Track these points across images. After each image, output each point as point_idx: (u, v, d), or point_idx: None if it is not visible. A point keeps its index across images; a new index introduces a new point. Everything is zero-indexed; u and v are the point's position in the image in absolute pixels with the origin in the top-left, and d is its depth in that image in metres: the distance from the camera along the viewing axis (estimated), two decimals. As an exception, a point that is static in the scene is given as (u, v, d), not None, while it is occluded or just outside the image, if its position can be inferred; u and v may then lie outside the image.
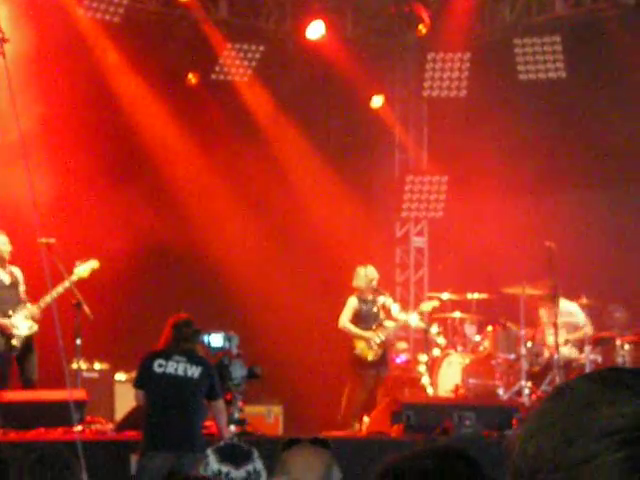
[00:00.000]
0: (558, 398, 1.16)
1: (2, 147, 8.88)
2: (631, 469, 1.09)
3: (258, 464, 3.65)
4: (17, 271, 10.84)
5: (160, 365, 8.58)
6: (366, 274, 11.95)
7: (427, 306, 12.79)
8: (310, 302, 13.46)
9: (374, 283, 12.00)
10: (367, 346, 11.83)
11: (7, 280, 10.77)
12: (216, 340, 9.26)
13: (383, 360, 11.97)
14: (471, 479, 1.94)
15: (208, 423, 9.22)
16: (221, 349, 9.14)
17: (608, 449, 1.10)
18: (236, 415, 9.28)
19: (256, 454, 3.70)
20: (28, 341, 10.67)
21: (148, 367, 8.64)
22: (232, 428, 9.10)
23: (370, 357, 11.82)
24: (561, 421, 1.13)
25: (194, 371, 8.57)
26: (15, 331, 10.58)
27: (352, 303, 11.89)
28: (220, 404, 8.73)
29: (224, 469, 3.56)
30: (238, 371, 9.08)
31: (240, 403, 9.39)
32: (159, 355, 8.66)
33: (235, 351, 9.35)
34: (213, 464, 3.68)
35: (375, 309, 11.99)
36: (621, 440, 1.10)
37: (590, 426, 1.12)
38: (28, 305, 10.76)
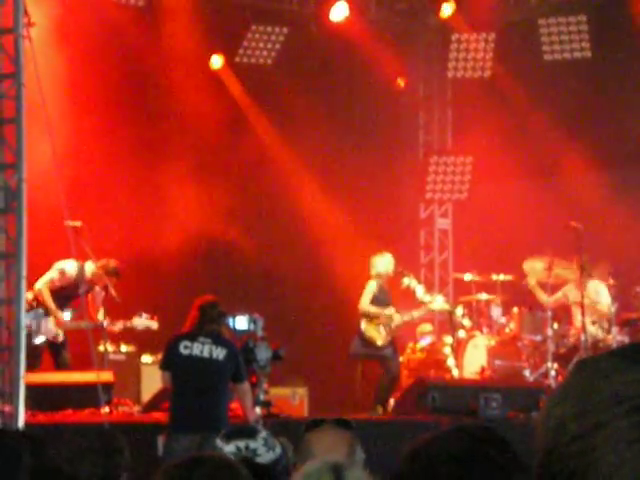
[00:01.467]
0: (579, 371, 1.19)
1: (30, 130, 8.90)
2: (638, 437, 1.11)
3: (256, 443, 3.61)
4: (98, 294, 10.85)
5: (186, 347, 8.61)
6: (383, 261, 11.93)
7: (437, 306, 12.56)
8: (335, 284, 13.47)
9: (391, 269, 11.96)
10: (377, 330, 11.81)
11: (82, 290, 10.72)
12: (241, 323, 9.28)
13: (392, 350, 11.89)
14: (503, 463, 1.92)
15: (234, 405, 9.26)
16: (246, 332, 9.16)
17: (618, 416, 1.13)
18: (261, 397, 9.32)
19: (262, 435, 3.66)
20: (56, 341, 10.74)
21: (174, 349, 8.68)
22: (257, 410, 9.12)
23: (380, 342, 11.79)
24: (579, 392, 1.16)
25: (219, 353, 8.59)
26: (35, 338, 10.60)
27: (371, 287, 11.88)
28: (245, 386, 8.75)
29: (219, 444, 3.58)
30: (263, 353, 9.10)
31: (265, 385, 9.41)
32: (185, 337, 8.70)
33: (260, 333, 9.37)
34: (216, 442, 3.70)
35: (388, 298, 11.97)
36: (630, 407, 1.12)
37: (603, 395, 1.14)
38: (100, 314, 10.77)
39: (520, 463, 1.93)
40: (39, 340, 10.68)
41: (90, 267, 10.76)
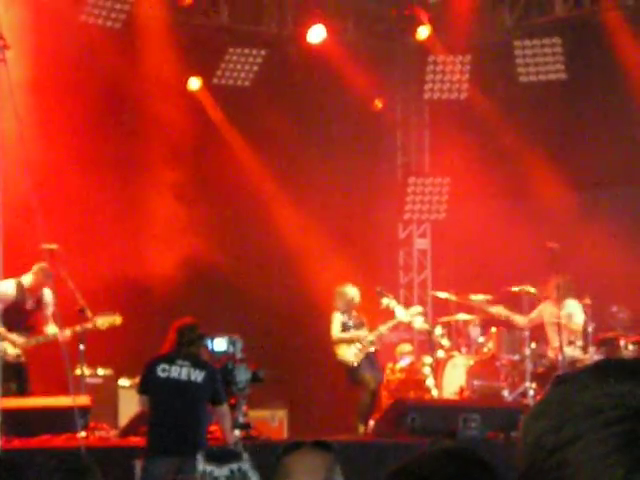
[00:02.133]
0: (556, 386, 1.21)
1: (5, 153, 8.88)
2: (612, 449, 1.12)
3: (245, 465, 3.64)
4: (48, 294, 10.72)
5: (164, 370, 8.58)
6: (346, 294, 11.99)
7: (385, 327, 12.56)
8: (315, 305, 13.46)
9: (355, 301, 12.01)
10: (348, 350, 11.85)
11: (30, 305, 10.73)
12: (220, 344, 9.27)
13: (372, 362, 11.93)
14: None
15: (213, 428, 9.22)
16: (225, 353, 9.14)
17: (592, 429, 1.14)
18: (241, 419, 9.30)
19: (246, 457, 3.69)
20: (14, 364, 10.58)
21: (152, 372, 8.64)
22: (237, 432, 9.10)
23: (353, 360, 11.82)
24: (556, 407, 1.18)
25: (197, 375, 8.56)
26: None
27: (337, 317, 11.97)
28: (224, 408, 8.72)
29: (208, 468, 3.57)
30: (242, 375, 9.08)
31: (244, 407, 9.39)
32: (163, 360, 8.66)
33: (239, 355, 9.36)
34: (199, 465, 3.69)
35: (357, 325, 12.00)
36: (605, 419, 1.14)
37: (578, 408, 1.16)
38: (49, 325, 10.69)
39: None
40: None
41: (27, 278, 10.68)
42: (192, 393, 8.54)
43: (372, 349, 11.96)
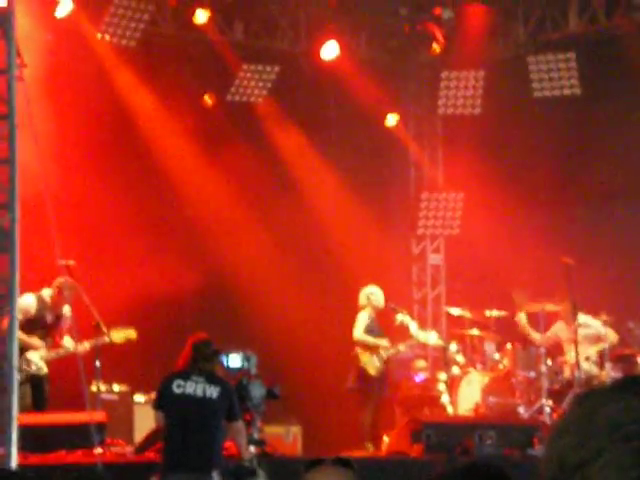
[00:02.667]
0: (578, 403, 1.23)
1: (22, 169, 8.92)
2: (633, 463, 1.13)
3: None
4: (67, 310, 10.78)
5: (179, 386, 8.58)
6: (370, 292, 12.01)
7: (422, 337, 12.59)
8: (328, 321, 13.45)
9: (376, 299, 12.03)
10: (370, 360, 11.85)
11: (50, 319, 10.81)
12: (235, 360, 9.25)
13: (384, 378, 11.97)
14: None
15: (228, 444, 9.21)
16: (240, 369, 9.13)
17: (614, 444, 1.15)
18: (255, 435, 9.27)
19: (261, 474, 3.70)
20: (36, 377, 10.65)
21: (167, 388, 8.65)
22: (251, 449, 9.08)
23: (372, 372, 11.82)
24: (578, 424, 1.20)
25: (213, 391, 8.56)
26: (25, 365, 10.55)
27: (363, 317, 11.96)
28: (239, 425, 8.71)
29: None
30: (257, 391, 9.06)
31: (259, 423, 9.37)
32: (178, 376, 8.67)
33: (254, 371, 9.34)
34: None
35: (379, 328, 12.02)
36: (625, 434, 1.15)
37: (600, 424, 1.17)
38: (65, 339, 10.75)
39: None
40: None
41: (47, 292, 10.74)
42: (207, 409, 8.54)
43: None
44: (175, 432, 8.56)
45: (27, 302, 10.57)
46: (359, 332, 11.91)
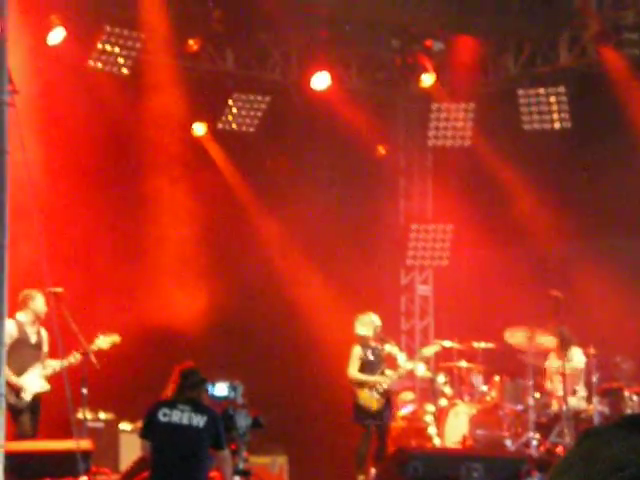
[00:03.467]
0: (582, 441, 1.21)
1: (13, 195, 8.90)
2: None
3: None
4: (44, 332, 10.95)
5: (165, 414, 8.55)
6: (370, 321, 11.96)
7: (429, 351, 12.72)
8: (315, 351, 13.43)
9: (377, 330, 12.00)
10: (370, 395, 11.80)
11: (34, 339, 10.84)
12: (221, 389, 9.20)
13: (387, 408, 11.94)
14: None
15: (213, 474, 9.17)
16: (226, 398, 9.08)
17: None
18: (241, 465, 9.21)
19: None
20: (36, 399, 10.71)
21: (153, 416, 8.62)
22: (237, 479, 9.03)
23: (375, 406, 11.78)
24: (581, 462, 1.18)
25: (199, 420, 8.53)
26: (22, 394, 10.62)
27: (357, 352, 11.89)
28: (226, 454, 8.68)
29: None
30: (243, 421, 9.02)
31: (245, 453, 9.32)
32: (164, 404, 8.64)
33: (240, 401, 9.29)
34: None
35: (378, 357, 11.98)
36: (629, 476, 1.13)
37: (602, 464, 1.15)
38: (47, 362, 10.84)
39: None
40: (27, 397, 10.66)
41: (21, 315, 10.75)
42: (193, 438, 8.50)
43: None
44: (161, 461, 8.52)
45: (8, 327, 10.57)
46: (352, 371, 11.85)
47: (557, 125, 14.10)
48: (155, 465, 8.60)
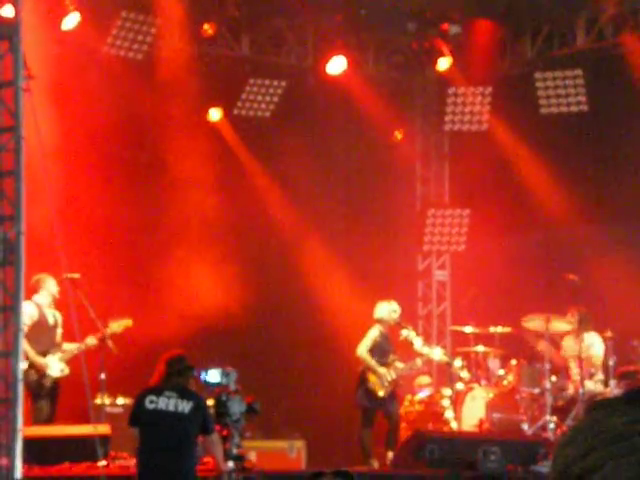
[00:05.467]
0: (587, 413, 1.22)
1: (29, 181, 8.93)
2: (637, 475, 1.12)
3: None
4: (58, 315, 11.07)
5: (152, 401, 8.62)
6: (389, 307, 12.00)
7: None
8: (333, 336, 13.44)
9: (395, 317, 12.02)
10: (379, 382, 11.82)
11: (51, 321, 10.95)
12: (213, 376, 9.21)
13: (392, 397, 11.95)
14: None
15: (207, 459, 9.24)
16: (218, 385, 9.10)
17: (617, 455, 1.15)
18: (234, 451, 9.21)
19: None
20: (56, 384, 10.82)
21: (140, 404, 8.71)
22: (230, 464, 9.06)
23: (381, 393, 11.80)
24: (585, 433, 1.19)
25: (185, 406, 8.59)
26: (48, 371, 10.75)
27: (373, 334, 11.92)
28: (214, 437, 8.72)
29: None
30: (236, 407, 9.01)
31: (238, 439, 9.31)
32: (151, 391, 8.72)
33: (233, 387, 9.28)
34: None
35: (391, 346, 12.00)
36: (630, 446, 1.15)
37: (605, 434, 1.17)
38: (64, 345, 10.94)
39: None
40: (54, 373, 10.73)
41: (38, 297, 10.84)
42: (179, 424, 8.56)
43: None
44: (149, 447, 8.61)
45: (27, 309, 10.65)
46: (362, 349, 11.87)
47: (574, 108, 14.02)
48: (142, 452, 8.68)
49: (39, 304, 10.88)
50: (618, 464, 1.14)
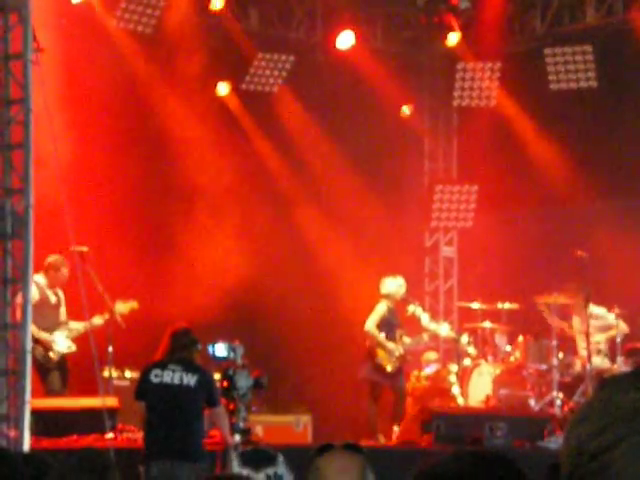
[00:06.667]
0: (599, 390, 1.21)
1: (37, 156, 8.93)
2: None
3: (281, 468, 3.64)
4: (61, 293, 11.09)
5: (156, 375, 8.64)
6: (395, 282, 11.99)
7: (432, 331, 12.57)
8: (340, 309, 13.46)
9: (402, 293, 12.02)
10: (388, 357, 11.84)
11: (53, 300, 10.96)
12: (220, 350, 9.23)
13: (399, 372, 11.98)
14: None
15: (213, 432, 9.27)
16: (226, 359, 9.12)
17: (633, 432, 1.13)
18: (241, 425, 9.24)
19: (281, 459, 3.69)
20: (63, 358, 10.85)
21: (145, 378, 8.75)
22: (237, 438, 9.10)
23: (389, 368, 11.82)
24: (598, 410, 1.18)
25: (190, 379, 8.61)
26: (54, 346, 10.78)
27: (381, 309, 11.93)
28: (220, 410, 8.74)
29: (244, 472, 3.55)
30: (243, 381, 9.04)
31: (245, 413, 9.34)
32: (156, 365, 8.74)
33: (240, 361, 9.32)
34: (234, 468, 3.67)
35: (398, 321, 12.02)
36: None
37: (619, 411, 1.15)
38: (70, 323, 10.95)
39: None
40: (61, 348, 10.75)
41: (39, 277, 10.78)
42: (184, 397, 8.59)
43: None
44: (155, 421, 8.63)
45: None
46: (370, 324, 11.89)
47: (583, 84, 13.96)
48: (149, 425, 8.71)
49: (40, 284, 10.85)
50: (633, 441, 1.13)
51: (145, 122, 13.30)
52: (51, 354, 10.81)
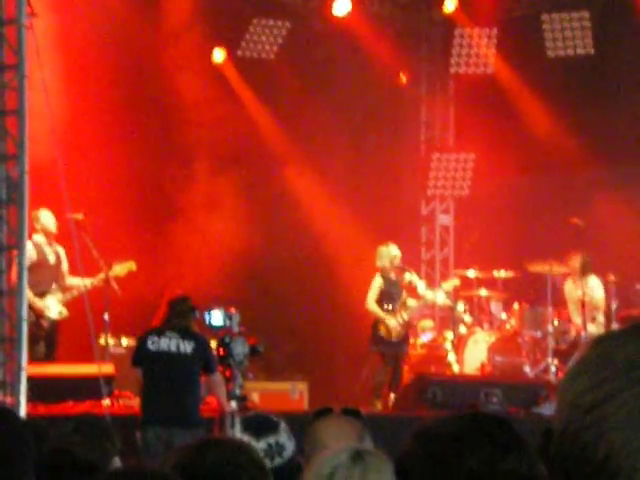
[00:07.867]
0: (595, 345, 1.20)
1: (32, 121, 8.88)
2: None
3: (282, 437, 3.62)
4: (61, 250, 10.97)
5: (153, 342, 8.66)
6: (388, 253, 11.95)
7: (448, 285, 12.77)
8: (337, 279, 13.47)
9: (397, 261, 12.01)
10: (392, 326, 11.85)
11: (52, 259, 10.87)
12: (217, 318, 9.24)
13: (404, 339, 12.00)
14: (504, 440, 1.92)
15: (209, 399, 9.30)
16: (222, 327, 9.14)
17: (629, 385, 1.13)
18: (237, 392, 9.27)
19: (283, 427, 3.68)
20: (54, 327, 10.82)
21: (142, 344, 8.76)
22: (233, 404, 9.12)
23: (394, 337, 11.83)
24: (594, 365, 1.17)
25: (187, 346, 8.63)
26: (47, 312, 10.74)
27: (377, 283, 11.90)
28: (217, 377, 8.77)
29: (245, 438, 3.53)
30: (239, 348, 9.05)
31: (241, 380, 9.36)
32: (153, 332, 8.76)
33: (236, 329, 9.33)
34: (237, 433, 3.66)
35: (397, 287, 12.01)
36: None
37: (616, 365, 1.15)
38: (68, 279, 10.88)
39: (520, 440, 1.93)
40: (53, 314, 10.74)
41: (36, 237, 10.74)
42: (181, 364, 8.61)
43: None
44: (151, 388, 8.65)
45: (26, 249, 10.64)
46: (369, 302, 11.87)
47: (580, 51, 13.91)
48: (145, 392, 8.73)
49: (38, 243, 10.81)
50: (630, 394, 1.12)
51: (142, 87, 13.23)
52: (42, 322, 10.77)
